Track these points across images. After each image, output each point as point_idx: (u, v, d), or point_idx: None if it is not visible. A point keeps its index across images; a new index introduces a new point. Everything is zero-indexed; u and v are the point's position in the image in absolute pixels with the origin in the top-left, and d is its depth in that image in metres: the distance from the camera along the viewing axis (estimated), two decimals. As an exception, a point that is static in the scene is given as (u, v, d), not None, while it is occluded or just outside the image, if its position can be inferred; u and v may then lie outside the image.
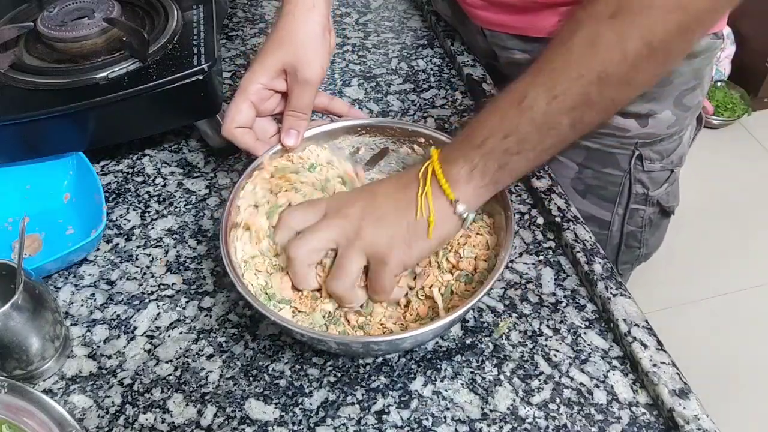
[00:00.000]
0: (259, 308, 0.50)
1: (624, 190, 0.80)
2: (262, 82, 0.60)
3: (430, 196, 0.53)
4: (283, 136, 0.62)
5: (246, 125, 0.61)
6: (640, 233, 0.84)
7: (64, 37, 0.69)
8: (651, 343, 0.55)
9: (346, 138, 0.65)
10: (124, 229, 0.68)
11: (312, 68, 0.60)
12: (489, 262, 0.57)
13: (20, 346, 0.52)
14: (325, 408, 0.53)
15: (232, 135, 0.61)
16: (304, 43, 0.60)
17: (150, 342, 0.58)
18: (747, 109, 2.24)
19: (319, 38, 0.60)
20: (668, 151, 0.78)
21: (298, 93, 0.61)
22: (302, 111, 0.62)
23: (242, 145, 0.61)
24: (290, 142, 0.62)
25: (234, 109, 0.60)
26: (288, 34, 0.60)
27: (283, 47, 0.60)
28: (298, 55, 0.59)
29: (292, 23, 0.60)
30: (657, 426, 0.52)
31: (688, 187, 0.84)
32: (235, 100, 0.60)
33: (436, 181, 0.53)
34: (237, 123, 0.60)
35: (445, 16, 0.91)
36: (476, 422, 0.52)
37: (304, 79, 0.60)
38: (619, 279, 0.60)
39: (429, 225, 0.53)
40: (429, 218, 0.53)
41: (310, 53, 0.60)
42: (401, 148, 0.65)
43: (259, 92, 0.60)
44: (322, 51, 0.61)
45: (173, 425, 0.53)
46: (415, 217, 0.53)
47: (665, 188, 0.81)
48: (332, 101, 0.67)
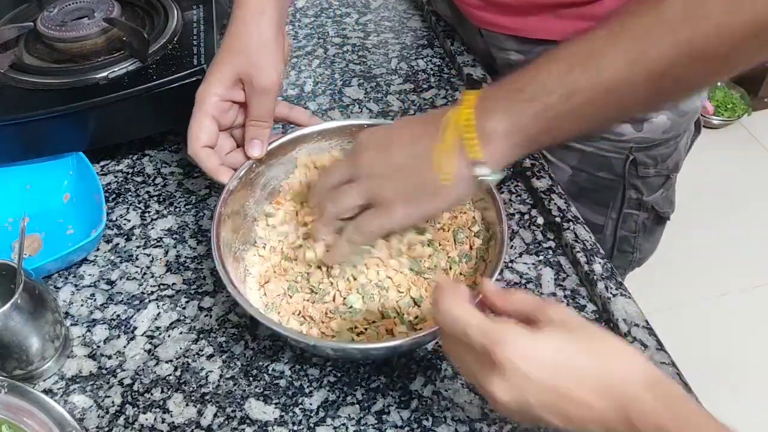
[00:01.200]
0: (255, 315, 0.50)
1: (618, 195, 0.79)
2: (218, 93, 0.58)
3: (450, 150, 0.47)
4: (247, 147, 0.60)
5: (210, 143, 0.59)
6: (633, 238, 0.83)
7: (64, 37, 0.69)
8: (651, 343, 0.55)
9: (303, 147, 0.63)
10: (124, 229, 0.68)
11: (267, 75, 0.57)
12: (482, 235, 0.58)
13: (20, 346, 0.52)
14: (325, 408, 0.53)
15: (197, 156, 0.58)
16: (257, 51, 0.57)
17: (150, 342, 0.58)
18: (747, 109, 2.24)
19: (272, 44, 0.58)
20: (663, 157, 0.78)
21: (256, 102, 0.59)
22: (263, 119, 0.59)
23: (206, 169, 0.59)
24: (255, 153, 0.60)
25: (196, 126, 0.58)
26: (240, 42, 0.58)
27: (235, 56, 0.58)
28: (252, 62, 0.57)
29: (243, 30, 0.58)
30: (657, 426, 0.51)
31: (688, 186, 0.84)
32: (195, 117, 0.58)
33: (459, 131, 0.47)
34: (201, 141, 0.58)
35: (444, 16, 0.91)
36: (476, 422, 0.52)
37: (260, 87, 0.58)
38: (619, 279, 0.60)
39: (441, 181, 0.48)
40: (443, 177, 0.48)
41: (264, 60, 0.57)
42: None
43: (217, 105, 0.58)
44: (277, 57, 0.59)
45: (173, 425, 0.53)
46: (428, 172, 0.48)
47: (660, 194, 0.81)
48: (292, 110, 0.65)
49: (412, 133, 0.50)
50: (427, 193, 0.49)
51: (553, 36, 0.72)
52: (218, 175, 0.59)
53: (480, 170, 0.47)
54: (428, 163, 0.48)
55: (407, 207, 0.50)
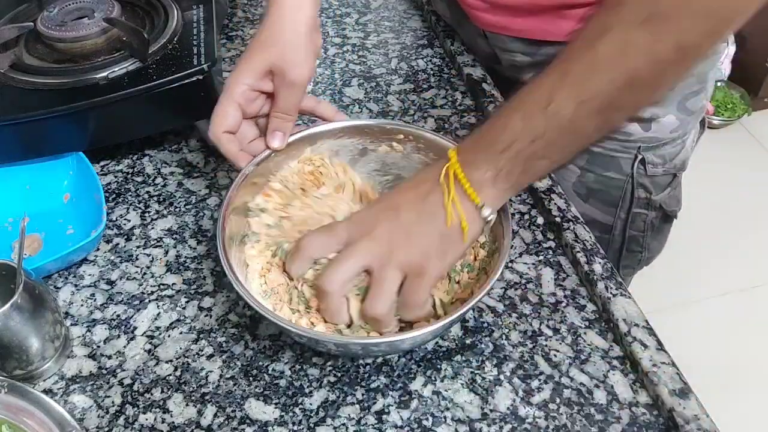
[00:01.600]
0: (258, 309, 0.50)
1: (626, 194, 0.79)
2: (248, 83, 0.59)
3: (458, 201, 0.52)
4: (269, 138, 0.61)
5: (232, 129, 0.60)
6: (642, 237, 0.83)
7: (64, 37, 0.69)
8: (651, 343, 0.55)
9: (325, 142, 0.64)
10: (124, 229, 0.68)
11: (299, 70, 0.58)
12: (487, 247, 0.58)
13: (20, 346, 0.52)
14: (325, 408, 0.53)
15: (218, 140, 0.60)
16: (291, 44, 0.58)
17: (150, 342, 0.58)
18: (747, 109, 2.25)
19: (306, 39, 0.59)
20: (671, 156, 0.78)
21: (285, 95, 0.60)
22: (289, 113, 0.60)
23: (226, 153, 0.60)
24: (275, 144, 0.61)
25: (221, 111, 0.59)
26: (274, 35, 0.59)
27: (269, 48, 0.59)
28: (285, 56, 0.58)
29: (279, 24, 0.59)
30: (657, 426, 0.51)
31: (688, 187, 0.84)
32: (222, 103, 0.59)
33: (459, 185, 0.52)
34: (224, 127, 0.59)
35: (444, 17, 0.91)
36: (476, 422, 0.52)
37: (291, 80, 0.58)
38: (619, 279, 0.60)
39: (463, 230, 0.52)
40: (462, 224, 0.52)
41: (298, 54, 0.58)
42: (380, 147, 0.65)
43: (245, 94, 0.59)
44: (310, 52, 0.59)
45: (173, 425, 0.53)
46: (446, 224, 0.52)
47: (668, 192, 0.81)
48: (319, 104, 0.65)
49: (417, 193, 0.54)
50: (452, 242, 0.53)
51: (558, 37, 0.72)
52: (237, 160, 0.60)
53: (485, 212, 0.52)
54: (442, 216, 0.52)
55: (442, 260, 0.53)
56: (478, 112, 0.81)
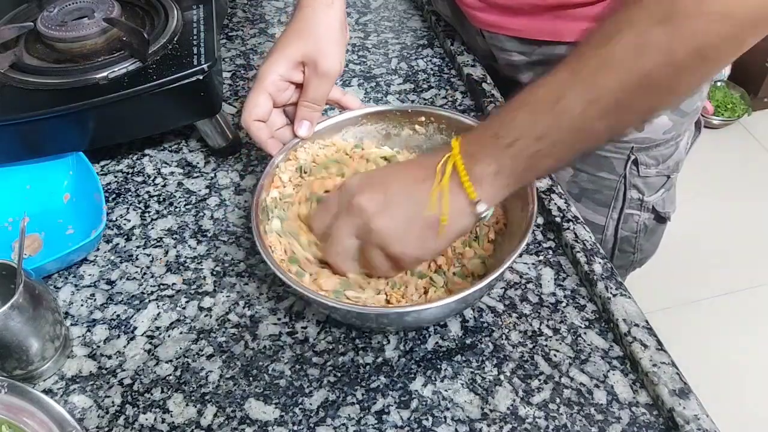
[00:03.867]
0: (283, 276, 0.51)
1: (619, 195, 0.80)
2: (280, 72, 0.61)
3: (446, 192, 0.51)
4: (297, 126, 0.63)
5: (263, 117, 0.62)
6: (634, 238, 0.83)
7: (64, 37, 0.69)
8: (651, 343, 0.55)
9: (349, 129, 0.66)
10: (124, 229, 0.68)
11: (332, 61, 0.60)
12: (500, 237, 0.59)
13: (20, 346, 0.52)
14: (325, 408, 0.53)
15: (249, 127, 0.61)
16: (324, 37, 0.60)
17: (150, 342, 0.58)
18: (747, 109, 2.24)
19: (337, 33, 0.61)
20: (664, 157, 0.78)
21: (315, 85, 0.61)
22: (317, 103, 0.62)
23: (256, 139, 0.62)
24: (303, 133, 0.63)
25: (252, 100, 0.61)
26: (308, 27, 0.60)
27: (302, 39, 0.60)
28: (318, 47, 0.60)
29: (312, 17, 0.61)
30: (657, 426, 0.51)
31: (688, 186, 0.84)
32: (254, 91, 0.61)
33: (456, 176, 0.51)
34: (255, 116, 0.61)
35: (444, 16, 0.91)
36: (476, 422, 0.52)
37: (323, 71, 0.60)
38: (619, 279, 0.60)
39: (440, 223, 0.51)
40: (441, 218, 0.51)
41: (330, 46, 0.60)
42: (402, 131, 0.66)
43: (276, 83, 0.61)
44: (340, 45, 0.62)
45: (173, 425, 0.53)
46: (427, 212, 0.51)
47: (661, 194, 0.81)
48: (345, 96, 0.67)
49: (410, 178, 0.53)
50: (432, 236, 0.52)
51: (554, 37, 0.72)
52: (267, 147, 0.62)
53: (480, 208, 0.51)
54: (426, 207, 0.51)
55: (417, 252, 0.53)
56: (478, 112, 0.81)
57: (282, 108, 0.65)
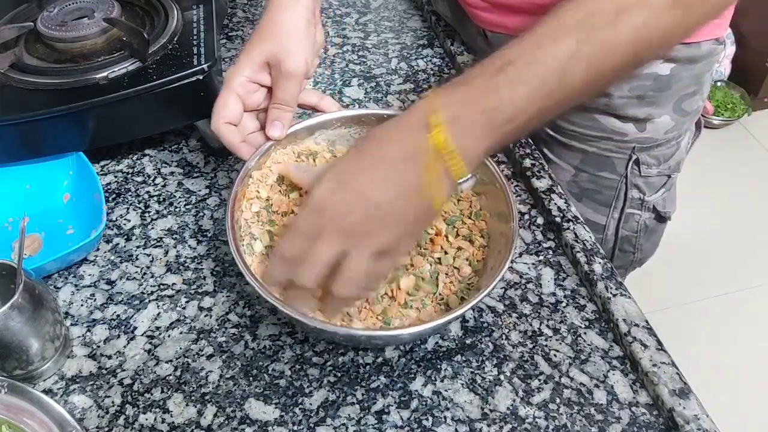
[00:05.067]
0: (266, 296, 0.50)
1: (620, 195, 0.80)
2: (246, 75, 0.60)
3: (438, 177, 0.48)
4: (268, 128, 0.62)
5: (233, 120, 0.61)
6: (635, 238, 0.83)
7: (64, 37, 0.69)
8: (651, 343, 0.55)
9: (322, 133, 0.66)
10: (124, 229, 0.68)
11: (295, 60, 0.59)
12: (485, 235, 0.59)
13: (20, 346, 0.52)
14: (325, 408, 0.53)
15: (219, 130, 0.61)
16: (288, 36, 0.60)
17: (150, 342, 0.58)
18: (747, 109, 2.24)
19: (302, 31, 0.60)
20: (665, 157, 0.78)
21: (282, 85, 0.61)
22: (287, 104, 0.62)
23: (227, 143, 0.61)
24: (275, 134, 0.62)
25: (221, 103, 0.60)
26: (272, 27, 0.60)
27: (266, 40, 0.60)
28: (281, 47, 0.59)
29: (277, 16, 0.60)
30: (657, 426, 0.52)
31: (688, 187, 0.84)
32: (222, 94, 0.60)
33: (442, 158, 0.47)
34: (225, 118, 0.60)
35: (444, 16, 0.91)
36: (476, 422, 0.52)
37: (287, 71, 0.60)
38: (619, 279, 0.60)
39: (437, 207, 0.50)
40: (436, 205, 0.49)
41: (294, 45, 0.60)
42: None
43: (244, 85, 0.61)
44: (306, 44, 0.61)
45: (173, 425, 0.53)
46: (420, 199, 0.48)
47: (661, 194, 0.81)
48: (322, 100, 0.66)
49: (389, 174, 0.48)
50: (426, 219, 0.53)
51: None
52: (239, 150, 0.61)
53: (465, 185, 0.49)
54: (418, 195, 0.48)
55: (413, 237, 0.53)
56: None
57: (255, 113, 0.64)
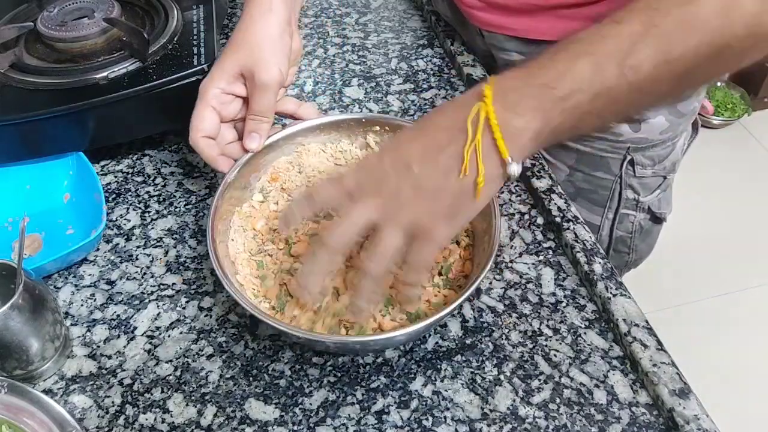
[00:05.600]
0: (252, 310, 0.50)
1: (614, 195, 0.80)
2: (220, 86, 0.59)
3: (480, 152, 0.44)
4: (245, 140, 0.61)
5: (211, 133, 0.60)
6: (629, 239, 0.83)
7: (64, 37, 0.69)
8: (651, 343, 0.55)
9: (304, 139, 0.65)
10: (124, 229, 0.68)
11: (268, 71, 0.58)
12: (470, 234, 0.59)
13: (20, 346, 0.52)
14: (325, 408, 0.53)
15: (197, 145, 0.60)
16: (260, 46, 0.58)
17: (150, 342, 0.58)
18: (747, 109, 2.25)
19: (276, 41, 0.59)
20: (660, 157, 0.78)
21: (257, 97, 0.60)
22: (263, 115, 0.61)
23: (205, 157, 0.60)
24: (252, 146, 0.61)
25: (197, 117, 0.59)
26: (244, 37, 0.59)
27: (239, 50, 0.59)
28: (254, 57, 0.58)
29: (249, 25, 0.59)
30: (657, 426, 0.52)
31: (688, 186, 0.84)
32: (197, 108, 0.59)
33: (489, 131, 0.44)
34: (202, 132, 0.59)
35: (444, 16, 0.91)
36: (476, 422, 0.52)
37: (261, 82, 0.58)
38: (619, 279, 0.60)
39: (477, 185, 0.46)
40: (478, 179, 0.45)
41: (267, 55, 0.58)
42: (357, 141, 0.65)
43: (218, 97, 0.60)
44: (280, 53, 0.59)
45: (173, 425, 0.53)
46: (460, 176, 0.45)
47: (657, 194, 0.81)
48: (300, 107, 0.65)
49: (434, 143, 0.47)
50: (466, 202, 0.47)
51: (554, 37, 0.71)
52: (217, 164, 0.61)
53: (511, 168, 0.46)
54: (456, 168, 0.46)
55: (450, 224, 0.48)
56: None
57: (233, 123, 0.63)
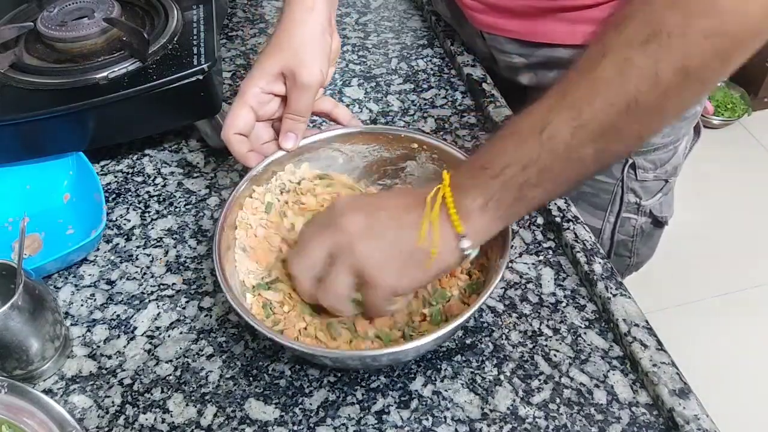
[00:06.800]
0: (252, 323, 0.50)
1: (616, 199, 0.79)
2: (260, 86, 0.59)
3: (436, 224, 0.49)
4: (282, 139, 0.62)
5: (244, 131, 0.60)
6: (631, 242, 0.83)
7: (64, 37, 0.69)
8: (651, 343, 0.55)
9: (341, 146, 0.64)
10: (124, 229, 0.68)
11: (310, 72, 0.58)
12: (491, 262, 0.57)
13: (20, 346, 0.52)
14: (325, 408, 0.53)
15: (229, 141, 0.60)
16: (302, 46, 0.59)
17: (150, 342, 0.58)
18: (747, 109, 2.24)
19: (317, 41, 0.59)
20: (662, 161, 0.78)
21: (296, 97, 0.60)
22: (301, 114, 0.61)
23: (235, 153, 0.61)
24: (288, 145, 0.62)
25: (233, 114, 0.60)
26: (286, 37, 0.59)
27: (281, 51, 0.59)
28: (296, 58, 0.58)
29: (291, 26, 0.59)
30: (657, 426, 0.52)
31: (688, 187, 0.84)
32: (234, 105, 0.60)
33: (445, 209, 0.49)
34: (235, 129, 0.60)
35: (444, 17, 0.91)
36: (476, 422, 0.52)
37: (302, 83, 0.59)
38: (619, 279, 0.60)
39: (431, 255, 0.49)
40: (432, 249, 0.49)
41: (309, 56, 0.59)
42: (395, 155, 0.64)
43: (257, 96, 0.60)
44: (322, 54, 0.60)
45: (173, 425, 0.53)
46: (416, 243, 0.49)
47: (658, 198, 0.81)
48: (336, 108, 0.66)
49: (400, 203, 0.51)
50: (417, 266, 0.50)
51: (554, 39, 0.72)
52: (246, 160, 0.61)
53: (464, 243, 0.49)
54: (416, 234, 0.49)
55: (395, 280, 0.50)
56: (478, 112, 0.81)
57: (270, 122, 0.64)
